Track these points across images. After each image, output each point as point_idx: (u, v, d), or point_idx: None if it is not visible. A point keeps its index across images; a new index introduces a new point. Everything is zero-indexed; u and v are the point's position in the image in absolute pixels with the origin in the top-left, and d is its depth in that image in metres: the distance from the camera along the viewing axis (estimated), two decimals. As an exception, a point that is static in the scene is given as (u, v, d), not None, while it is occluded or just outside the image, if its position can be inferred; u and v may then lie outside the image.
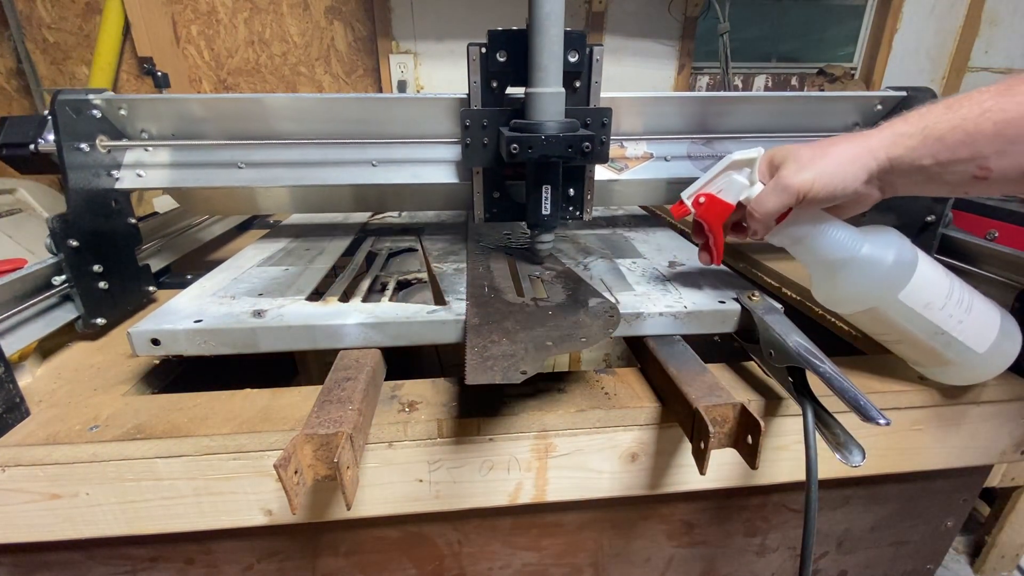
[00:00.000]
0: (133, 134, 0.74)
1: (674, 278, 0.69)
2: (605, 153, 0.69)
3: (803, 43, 2.59)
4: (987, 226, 1.47)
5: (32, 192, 1.70)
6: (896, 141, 0.45)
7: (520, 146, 0.60)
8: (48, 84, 2.17)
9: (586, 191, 0.74)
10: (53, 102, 0.63)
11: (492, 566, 0.65)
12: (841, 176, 0.46)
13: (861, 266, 0.49)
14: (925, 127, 0.43)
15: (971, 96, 0.42)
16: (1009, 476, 0.92)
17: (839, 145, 0.47)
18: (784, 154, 0.49)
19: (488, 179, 0.73)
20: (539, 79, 0.61)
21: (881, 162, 0.46)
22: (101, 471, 0.48)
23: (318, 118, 0.75)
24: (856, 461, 0.43)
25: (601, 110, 0.68)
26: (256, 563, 0.60)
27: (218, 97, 0.74)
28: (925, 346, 0.52)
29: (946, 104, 0.43)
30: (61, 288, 0.63)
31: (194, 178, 0.75)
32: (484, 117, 0.67)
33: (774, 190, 0.48)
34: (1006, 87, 0.41)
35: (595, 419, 0.52)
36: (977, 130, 0.41)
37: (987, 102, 0.41)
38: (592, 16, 2.29)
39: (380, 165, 0.76)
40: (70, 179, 0.64)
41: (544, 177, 0.66)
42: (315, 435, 0.41)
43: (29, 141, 0.68)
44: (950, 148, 0.42)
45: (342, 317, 0.57)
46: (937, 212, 0.71)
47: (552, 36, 0.59)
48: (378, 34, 2.24)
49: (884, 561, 0.73)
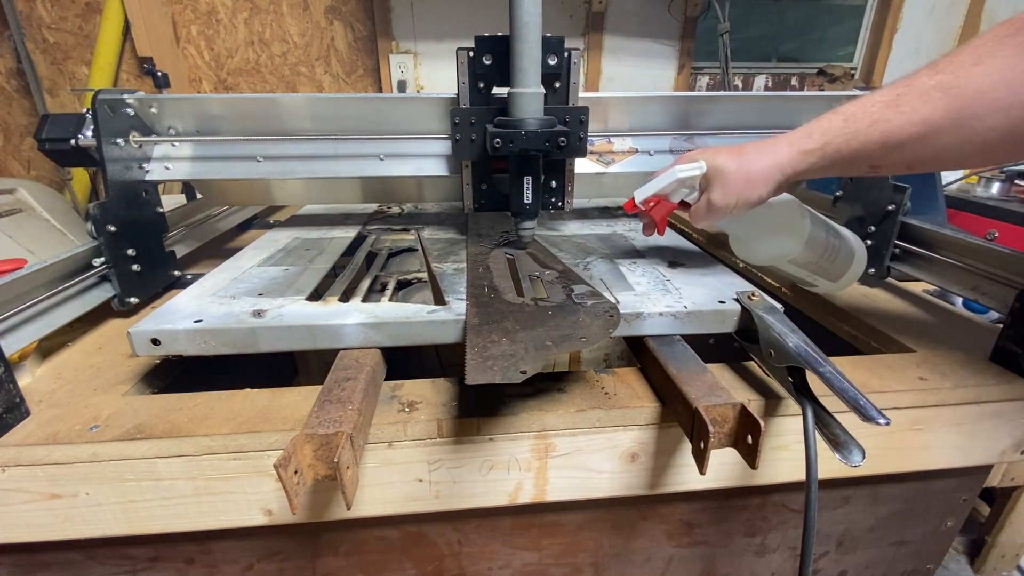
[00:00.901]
0: (161, 130, 0.81)
1: (674, 278, 0.69)
2: (583, 148, 0.76)
3: (803, 43, 2.59)
4: (987, 226, 1.47)
5: (32, 192, 1.70)
6: (802, 159, 0.54)
7: (502, 140, 0.67)
8: (48, 84, 2.17)
9: (567, 183, 0.81)
10: (93, 101, 0.69)
11: (492, 566, 0.65)
12: (756, 194, 0.57)
13: (769, 238, 0.68)
14: (826, 144, 0.52)
15: (864, 107, 0.50)
16: (1009, 476, 0.92)
17: (756, 163, 0.56)
18: (714, 173, 0.59)
19: (477, 172, 0.80)
20: (520, 80, 0.68)
21: (788, 176, 0.56)
22: (101, 471, 0.48)
23: (328, 116, 0.81)
24: (856, 461, 0.43)
25: (578, 109, 0.75)
26: (256, 563, 0.60)
27: (238, 97, 0.81)
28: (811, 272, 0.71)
29: (843, 118, 0.51)
30: (100, 269, 0.69)
31: (216, 170, 0.81)
32: (472, 115, 0.74)
33: (707, 212, 0.61)
34: (893, 100, 0.48)
35: (595, 419, 0.52)
36: (868, 140, 0.50)
37: (876, 114, 0.49)
38: (592, 16, 2.29)
39: (387, 159, 0.82)
40: (108, 171, 0.71)
41: (525, 169, 0.73)
42: (315, 435, 0.41)
43: (70, 136, 0.74)
44: (846, 158, 0.52)
45: (342, 317, 0.57)
46: (897, 201, 0.78)
47: (531, 42, 0.66)
48: (378, 34, 2.24)
49: (884, 561, 0.73)
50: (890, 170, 0.53)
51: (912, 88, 0.47)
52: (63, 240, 1.63)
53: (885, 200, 0.79)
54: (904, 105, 0.47)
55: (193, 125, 0.81)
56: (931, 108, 0.46)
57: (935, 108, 0.46)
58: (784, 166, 0.55)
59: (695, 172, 0.60)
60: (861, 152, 0.50)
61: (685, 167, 0.61)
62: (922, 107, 0.46)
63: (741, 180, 0.57)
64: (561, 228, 0.96)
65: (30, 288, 0.60)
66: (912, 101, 0.47)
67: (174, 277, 0.83)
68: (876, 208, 0.80)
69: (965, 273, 0.69)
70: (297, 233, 0.93)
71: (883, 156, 0.50)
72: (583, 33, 2.32)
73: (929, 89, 0.46)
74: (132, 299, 0.73)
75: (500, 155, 0.69)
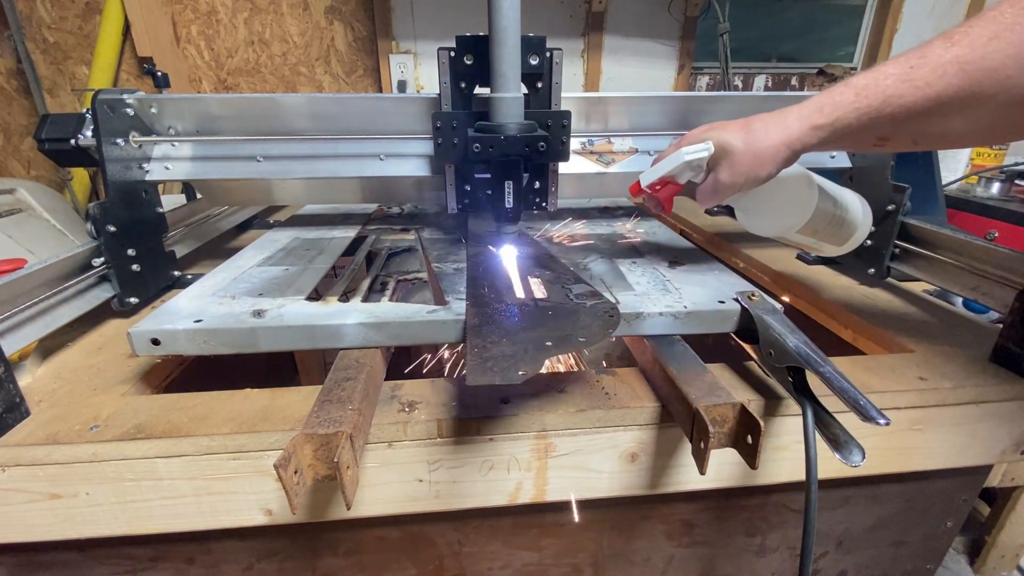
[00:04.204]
0: (161, 130, 0.81)
1: (674, 278, 0.69)
2: (565, 152, 0.76)
3: (803, 43, 2.58)
4: (987, 226, 1.47)
5: (32, 192, 1.69)
6: (812, 134, 0.53)
7: (482, 145, 0.68)
8: (48, 84, 2.17)
9: (550, 184, 0.82)
10: (93, 101, 0.69)
11: (492, 566, 0.65)
12: (765, 172, 0.56)
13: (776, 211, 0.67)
14: (837, 119, 0.51)
15: (877, 80, 0.48)
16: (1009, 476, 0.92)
17: (764, 141, 0.55)
18: (720, 152, 0.58)
19: (459, 174, 0.81)
20: (500, 85, 0.69)
21: (797, 151, 0.55)
22: (101, 471, 0.48)
23: (327, 115, 0.82)
24: (856, 461, 0.43)
25: (561, 113, 0.74)
26: (256, 563, 0.60)
27: (237, 97, 0.81)
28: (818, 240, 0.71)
29: (855, 92, 0.50)
30: (100, 269, 0.69)
31: (217, 170, 0.81)
32: (453, 119, 0.74)
33: (714, 192, 0.59)
34: (906, 73, 0.46)
35: (595, 419, 0.52)
36: (879, 116, 0.48)
37: (889, 88, 0.47)
38: (592, 16, 2.28)
39: (387, 159, 0.83)
40: (108, 171, 0.71)
41: (507, 173, 0.72)
42: (315, 435, 0.41)
43: (70, 136, 0.74)
44: (855, 132, 0.51)
45: (342, 317, 0.57)
46: (897, 201, 0.78)
47: (510, 46, 0.67)
48: (378, 34, 2.24)
49: (884, 561, 0.73)
50: (895, 145, 0.52)
51: (926, 60, 0.46)
52: (63, 240, 1.63)
53: (885, 200, 0.79)
54: (918, 79, 0.46)
55: (193, 125, 0.81)
56: (945, 84, 0.44)
57: (949, 84, 0.44)
58: (793, 142, 0.54)
59: (703, 154, 0.58)
60: (871, 127, 0.50)
61: (692, 148, 0.59)
62: (936, 82, 0.45)
63: (749, 158, 0.56)
64: (560, 228, 0.96)
65: (30, 288, 0.60)
66: (926, 75, 0.45)
67: (174, 277, 0.83)
68: (876, 208, 0.79)
69: (965, 273, 0.69)
70: (297, 233, 0.93)
71: (892, 131, 0.50)
72: (583, 33, 2.32)
73: (944, 63, 0.44)
74: (132, 299, 0.73)
75: (480, 160, 0.69)
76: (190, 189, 1.19)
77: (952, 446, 0.59)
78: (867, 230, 0.71)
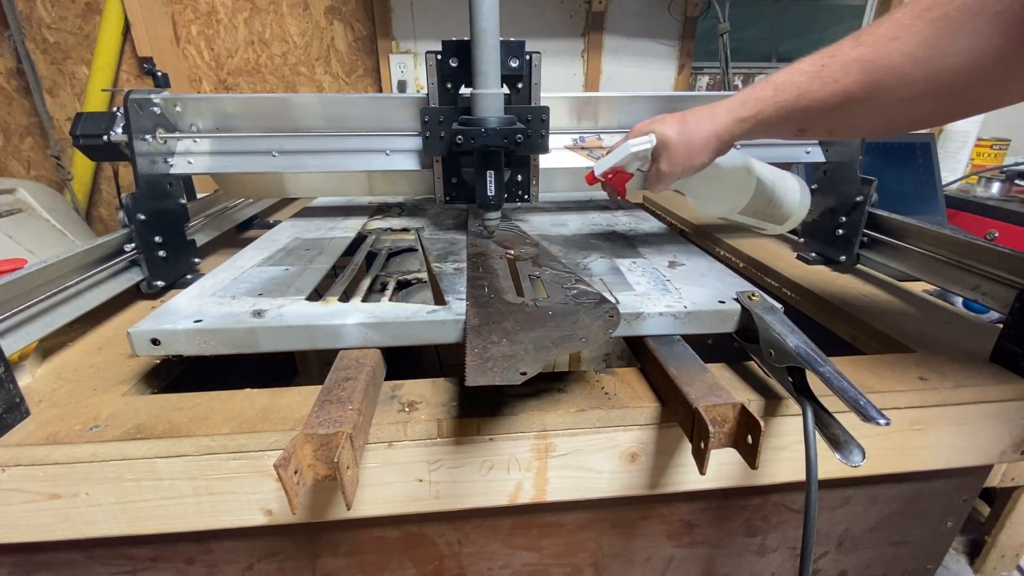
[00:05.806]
0: (184, 128, 0.87)
1: (674, 278, 0.69)
2: (544, 145, 0.82)
3: (803, 43, 2.58)
4: (987, 226, 1.47)
5: (32, 192, 1.69)
6: (737, 126, 0.58)
7: (464, 137, 0.74)
8: (48, 84, 2.17)
9: (531, 177, 0.88)
10: (125, 100, 0.77)
11: (492, 566, 0.65)
12: (699, 160, 0.63)
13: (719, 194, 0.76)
14: (758, 112, 0.56)
15: (792, 77, 0.52)
16: (1009, 476, 0.92)
17: (696, 133, 0.61)
18: (661, 144, 0.64)
19: (447, 167, 0.87)
20: (481, 83, 0.74)
21: (725, 141, 0.61)
22: (101, 471, 0.48)
23: (334, 114, 0.88)
24: (856, 461, 0.43)
25: (539, 108, 0.81)
26: (256, 563, 0.60)
27: (253, 96, 0.88)
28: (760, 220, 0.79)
29: (773, 87, 0.54)
30: (131, 254, 0.76)
31: (235, 164, 0.88)
32: (440, 114, 0.81)
33: (657, 179, 0.66)
34: (817, 71, 0.50)
35: (595, 419, 0.52)
36: (795, 109, 0.53)
37: (802, 85, 0.51)
38: (592, 16, 2.28)
39: (392, 154, 0.90)
40: (138, 164, 0.77)
41: (488, 164, 0.78)
42: (315, 435, 0.41)
43: (102, 133, 0.80)
44: (775, 126, 0.56)
45: (342, 317, 0.57)
46: (864, 193, 0.83)
47: (489, 47, 0.72)
48: (378, 34, 2.24)
49: (884, 561, 0.73)
50: (815, 135, 0.58)
51: (835, 59, 0.49)
52: (63, 240, 1.63)
53: (854, 192, 0.84)
54: (827, 76, 0.50)
55: (212, 123, 0.87)
56: (851, 80, 0.48)
57: (854, 81, 0.48)
58: (721, 133, 0.60)
59: (646, 146, 0.65)
60: (789, 120, 0.54)
61: (637, 141, 0.65)
62: (843, 79, 0.49)
63: (684, 149, 0.62)
64: (561, 228, 0.96)
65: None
66: (834, 72, 0.49)
67: (195, 263, 0.88)
68: (846, 199, 0.86)
69: (965, 273, 0.69)
70: (297, 233, 0.93)
71: (808, 123, 0.54)
72: (583, 33, 2.31)
73: (850, 62, 0.48)
74: (159, 282, 0.79)
75: (464, 151, 0.76)
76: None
77: (952, 446, 0.59)
78: (805, 210, 0.79)
